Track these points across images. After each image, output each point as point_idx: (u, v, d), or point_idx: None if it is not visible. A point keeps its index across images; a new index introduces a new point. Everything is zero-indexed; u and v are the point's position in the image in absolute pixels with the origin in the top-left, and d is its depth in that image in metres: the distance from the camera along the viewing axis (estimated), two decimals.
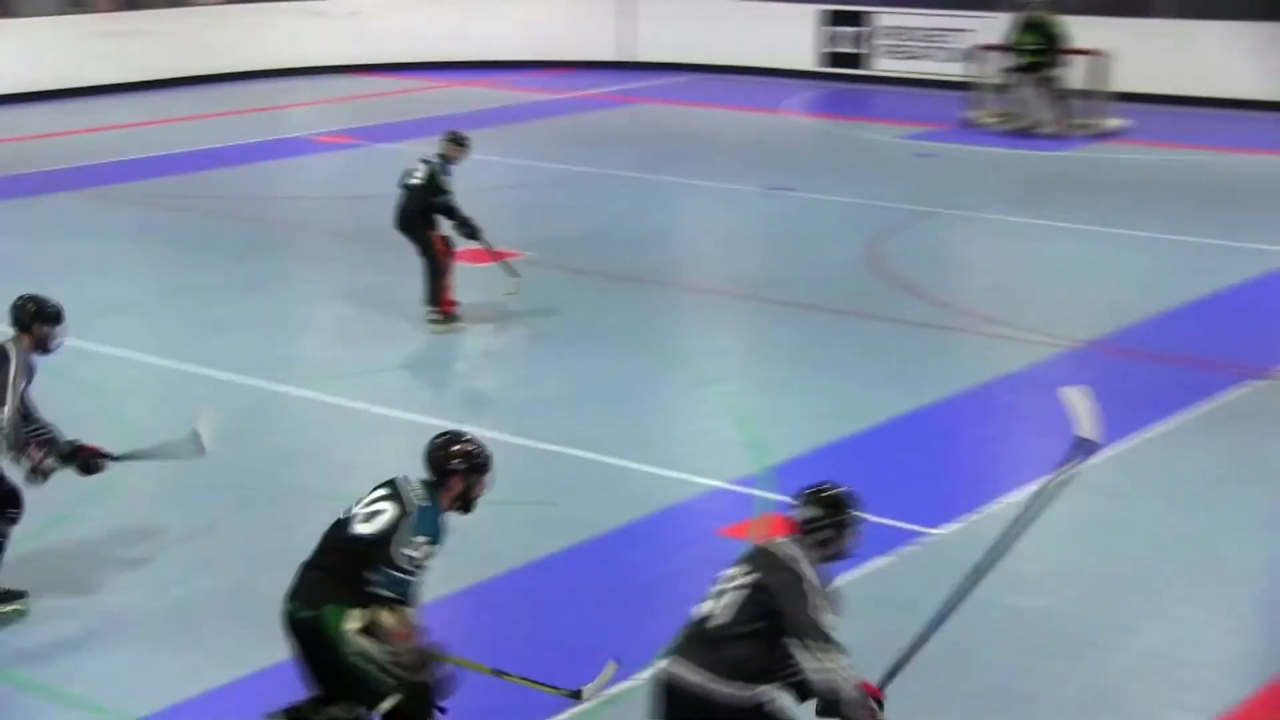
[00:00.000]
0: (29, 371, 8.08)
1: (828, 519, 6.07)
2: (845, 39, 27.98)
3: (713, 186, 19.23)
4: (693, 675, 5.78)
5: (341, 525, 6.37)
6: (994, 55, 23.72)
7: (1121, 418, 10.83)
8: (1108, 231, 16.74)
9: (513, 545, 8.93)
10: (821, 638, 5.68)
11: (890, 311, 13.68)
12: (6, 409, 7.82)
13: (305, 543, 6.48)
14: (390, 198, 13.18)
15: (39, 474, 8.09)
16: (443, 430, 6.66)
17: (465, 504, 6.46)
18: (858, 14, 27.92)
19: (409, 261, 13.17)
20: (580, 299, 14.10)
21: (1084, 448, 6.56)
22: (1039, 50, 22.23)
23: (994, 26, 25.52)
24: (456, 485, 6.41)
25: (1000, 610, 8.07)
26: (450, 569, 8.03)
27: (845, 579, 8.32)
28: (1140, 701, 7.40)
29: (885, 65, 27.46)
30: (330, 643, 6.15)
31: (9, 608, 8.21)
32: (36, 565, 8.55)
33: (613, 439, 10.62)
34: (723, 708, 5.75)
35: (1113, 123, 22.65)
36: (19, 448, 7.95)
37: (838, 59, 28.01)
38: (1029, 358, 12.38)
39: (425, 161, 13.05)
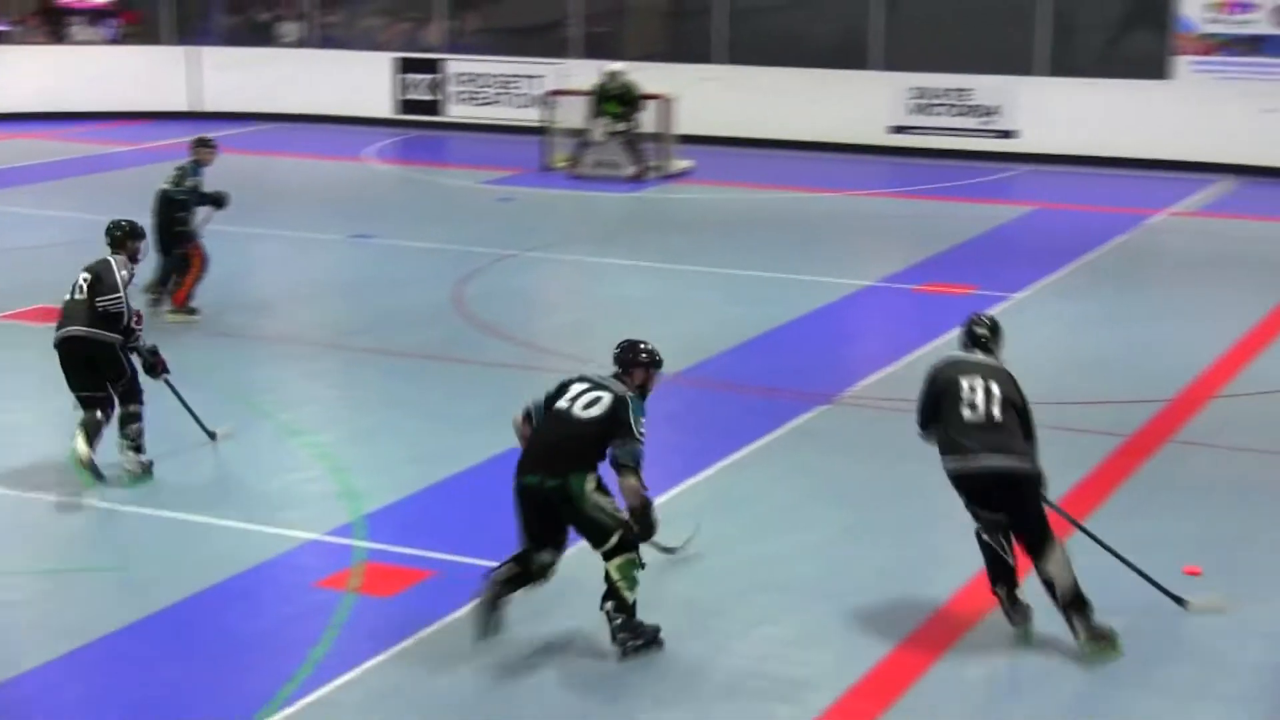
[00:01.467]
0: (130, 277, 10.82)
1: None
2: (420, 86, 28.20)
3: (293, 236, 19.11)
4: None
5: (560, 416, 8.18)
6: (567, 101, 24.32)
7: (703, 447, 11.31)
8: (679, 268, 17.37)
9: (97, 613, 8.67)
10: None
11: (477, 354, 13.86)
12: (127, 301, 10.62)
13: None
14: None
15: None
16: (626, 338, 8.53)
17: (643, 393, 8.31)
18: (431, 61, 28.19)
19: None
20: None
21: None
22: (622, 112, 22.87)
23: (563, 72, 26.23)
24: (639, 376, 8.35)
25: (598, 640, 8.32)
26: (39, 642, 7.89)
27: (446, 622, 8.46)
28: None
29: (461, 111, 27.81)
30: (574, 501, 8.04)
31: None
32: None
33: (200, 496, 10.45)
34: None
35: (680, 164, 23.49)
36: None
37: (414, 106, 28.22)
38: None
39: (179, 167, 15.01)
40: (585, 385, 8.28)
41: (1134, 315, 15.46)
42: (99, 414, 10.62)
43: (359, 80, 28.45)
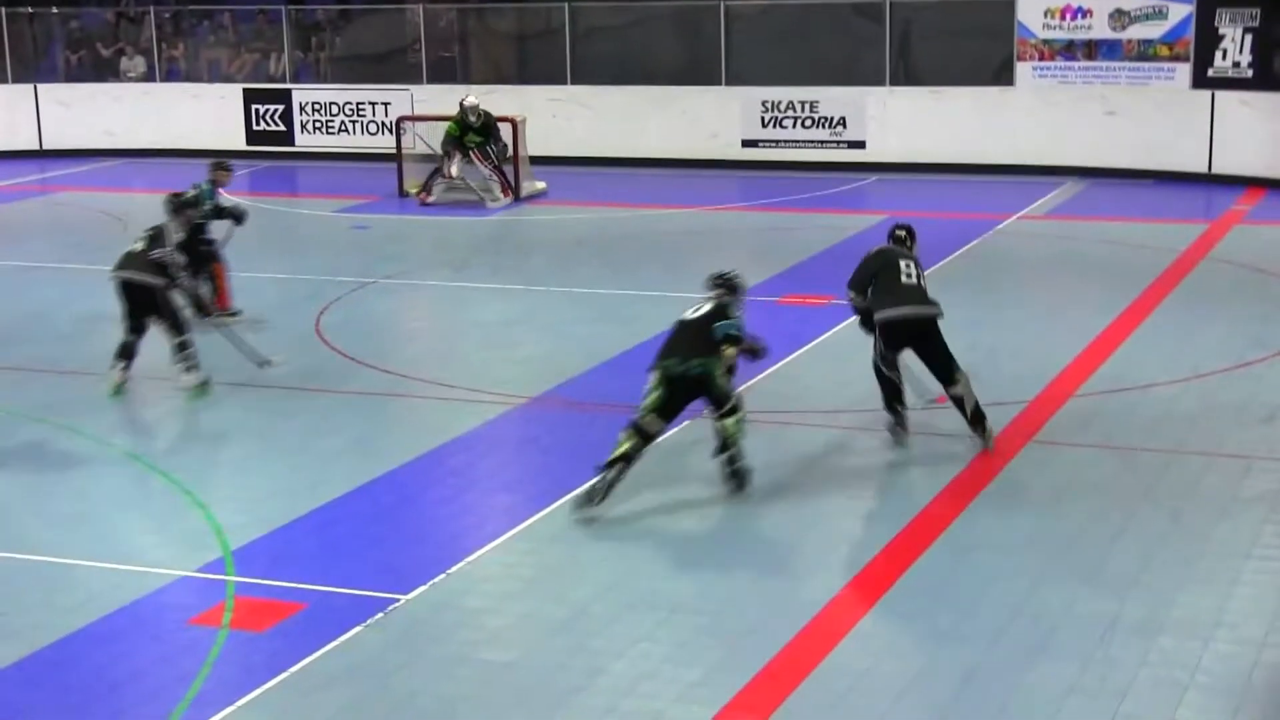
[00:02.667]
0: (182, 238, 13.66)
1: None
2: (270, 116, 27.98)
3: None
4: None
5: (683, 323, 10.87)
6: (419, 127, 24.27)
7: (570, 468, 11.31)
8: (540, 290, 17.39)
9: None
10: None
11: (339, 383, 13.77)
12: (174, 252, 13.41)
13: None
14: None
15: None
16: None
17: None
18: (280, 92, 27.99)
19: None
20: (14, 397, 13.55)
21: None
22: (483, 141, 22.79)
23: (411, 98, 26.20)
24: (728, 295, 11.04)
25: (475, 666, 8.31)
26: None
27: (320, 654, 8.40)
28: None
29: (311, 141, 27.64)
30: (707, 374, 10.64)
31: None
32: None
33: (63, 539, 10.27)
34: None
35: (535, 186, 23.53)
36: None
37: (265, 137, 27.99)
38: (477, 418, 12.71)
39: (195, 188, 15.78)
40: (695, 306, 11.07)
41: (989, 319, 15.71)
42: (136, 339, 13.51)
43: (208, 113, 28.20)
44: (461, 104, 22.77)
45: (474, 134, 22.69)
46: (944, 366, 11.56)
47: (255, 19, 30.24)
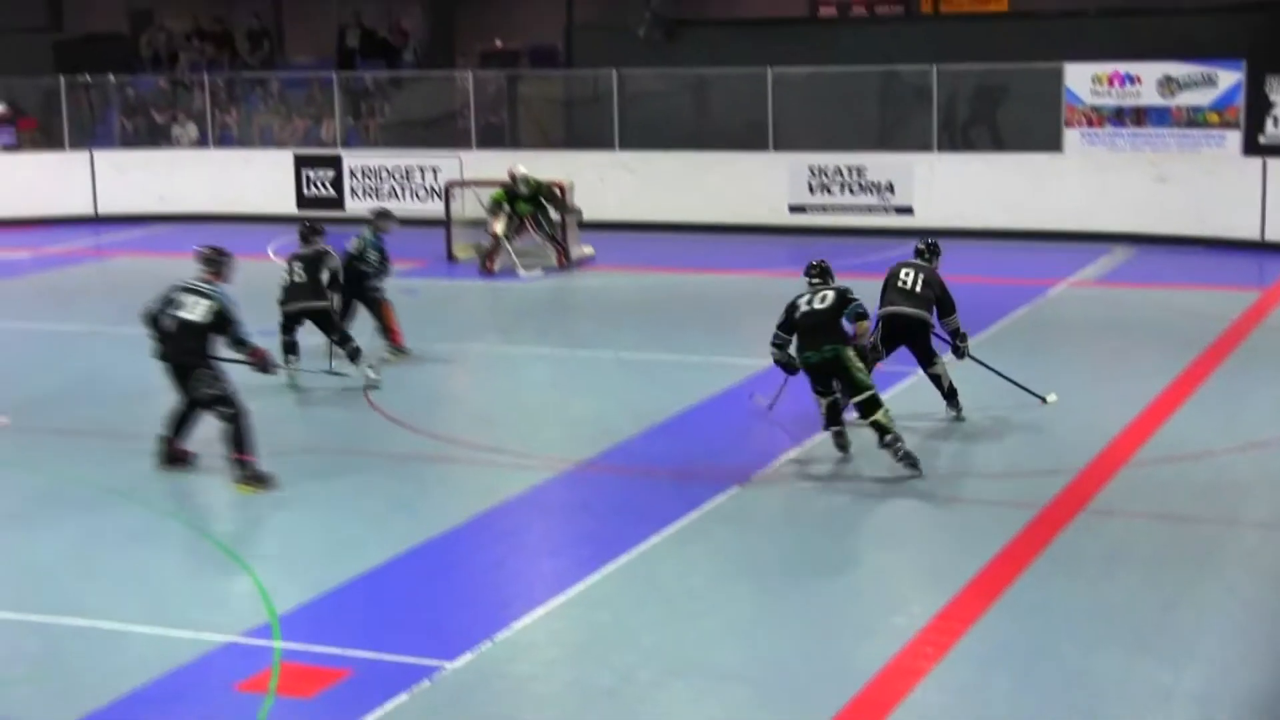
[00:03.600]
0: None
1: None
2: (321, 181, 28.19)
3: None
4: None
5: (810, 314, 12.77)
6: (467, 192, 24.40)
7: (618, 533, 11.27)
8: (586, 354, 17.40)
9: None
10: None
11: (386, 447, 13.77)
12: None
13: None
14: None
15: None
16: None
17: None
18: (330, 158, 28.22)
19: None
20: (65, 460, 13.61)
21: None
22: (534, 208, 22.85)
23: (460, 163, 26.37)
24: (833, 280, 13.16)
25: None
26: None
27: None
28: None
29: (361, 205, 27.76)
30: (842, 362, 12.55)
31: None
32: None
33: (111, 603, 10.26)
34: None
35: (585, 250, 23.57)
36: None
37: (316, 201, 28.19)
38: (524, 483, 12.67)
39: (360, 239, 16.84)
40: (811, 293, 12.93)
41: (1039, 385, 15.60)
42: (295, 341, 15.92)
43: (260, 177, 28.43)
44: (511, 173, 22.83)
45: (523, 202, 22.74)
46: (925, 355, 14.03)
47: (306, 86, 30.53)
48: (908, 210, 25.20)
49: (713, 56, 27.89)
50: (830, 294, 12.82)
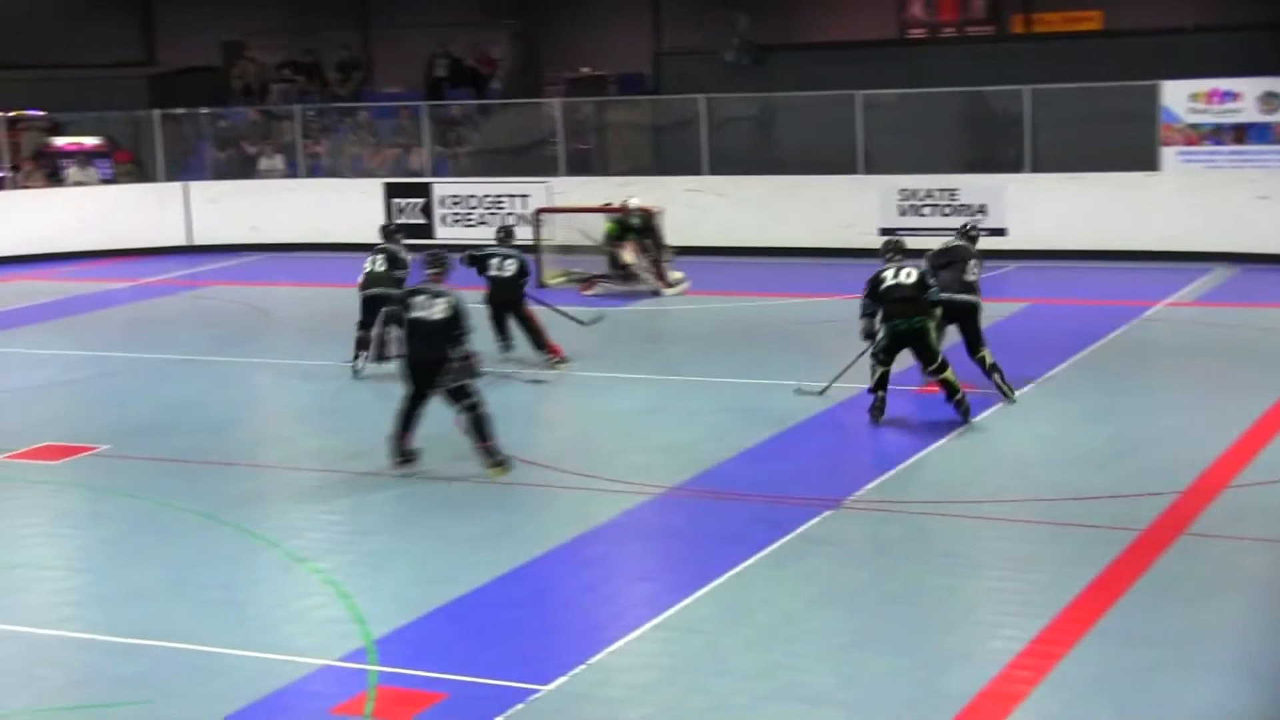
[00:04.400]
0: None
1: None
2: (411, 210, 28.37)
3: (291, 364, 19.11)
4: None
5: (897, 287, 14.51)
6: (557, 218, 24.49)
7: (710, 557, 11.23)
8: (678, 379, 17.37)
9: None
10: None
11: (478, 473, 13.78)
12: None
13: None
14: None
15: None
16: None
17: None
18: (420, 185, 28.40)
19: None
20: (163, 487, 13.73)
21: None
22: (643, 239, 23.04)
23: (548, 190, 26.48)
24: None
25: None
26: None
27: None
28: None
29: (451, 233, 27.94)
30: (925, 333, 14.38)
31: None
32: None
33: (209, 627, 10.34)
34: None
35: (676, 276, 23.57)
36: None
37: (407, 230, 28.34)
38: (617, 507, 12.66)
39: (518, 257, 18.24)
40: (897, 267, 14.70)
41: (1137, 408, 15.43)
42: (367, 333, 17.38)
43: (350, 207, 28.62)
44: (624, 204, 23.12)
45: (634, 233, 23.04)
46: (974, 337, 15.45)
47: (395, 115, 30.75)
48: (1001, 232, 24.99)
49: (801, 80, 27.80)
50: (914, 271, 14.60)
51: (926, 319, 14.47)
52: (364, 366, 17.46)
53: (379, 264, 17.75)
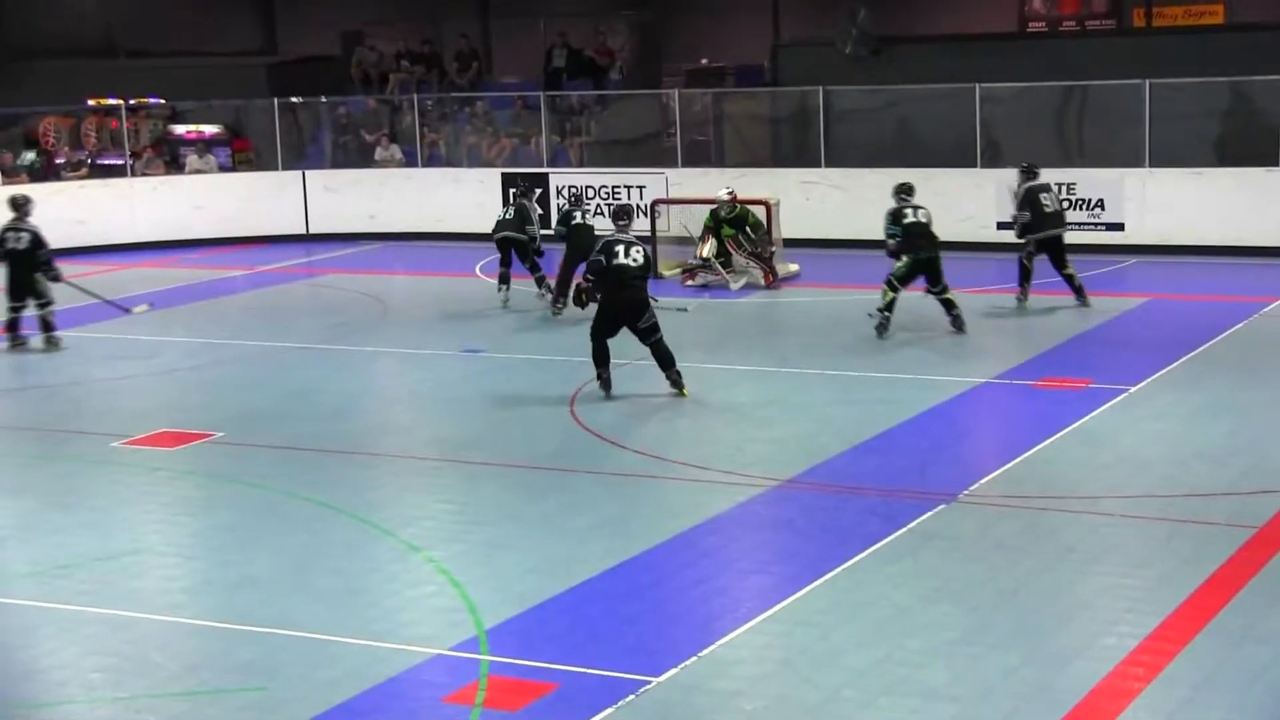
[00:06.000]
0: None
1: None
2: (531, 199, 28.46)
3: (407, 352, 19.31)
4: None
5: (916, 223, 18.12)
6: (673, 209, 24.49)
7: (822, 551, 11.23)
8: (791, 371, 17.35)
9: None
10: None
11: (591, 464, 13.87)
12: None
13: None
14: None
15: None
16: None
17: None
18: (539, 176, 28.53)
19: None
20: (278, 474, 13.94)
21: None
22: (733, 233, 22.96)
23: (666, 181, 26.49)
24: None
25: None
26: None
27: None
28: None
29: None
30: (939, 261, 18.29)
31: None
32: None
33: (323, 615, 10.48)
34: None
35: (788, 268, 23.52)
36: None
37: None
38: (730, 499, 12.68)
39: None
40: (914, 206, 18.27)
41: (1255, 405, 15.20)
42: (509, 270, 21.48)
43: (468, 197, 28.79)
44: (718, 198, 23.10)
45: (727, 225, 22.95)
46: (1062, 257, 19.84)
47: (513, 105, 30.90)
48: (1119, 227, 24.69)
49: (919, 73, 27.62)
50: (926, 209, 18.41)
51: (938, 249, 18.23)
52: (509, 298, 21.55)
53: (509, 214, 21.54)
